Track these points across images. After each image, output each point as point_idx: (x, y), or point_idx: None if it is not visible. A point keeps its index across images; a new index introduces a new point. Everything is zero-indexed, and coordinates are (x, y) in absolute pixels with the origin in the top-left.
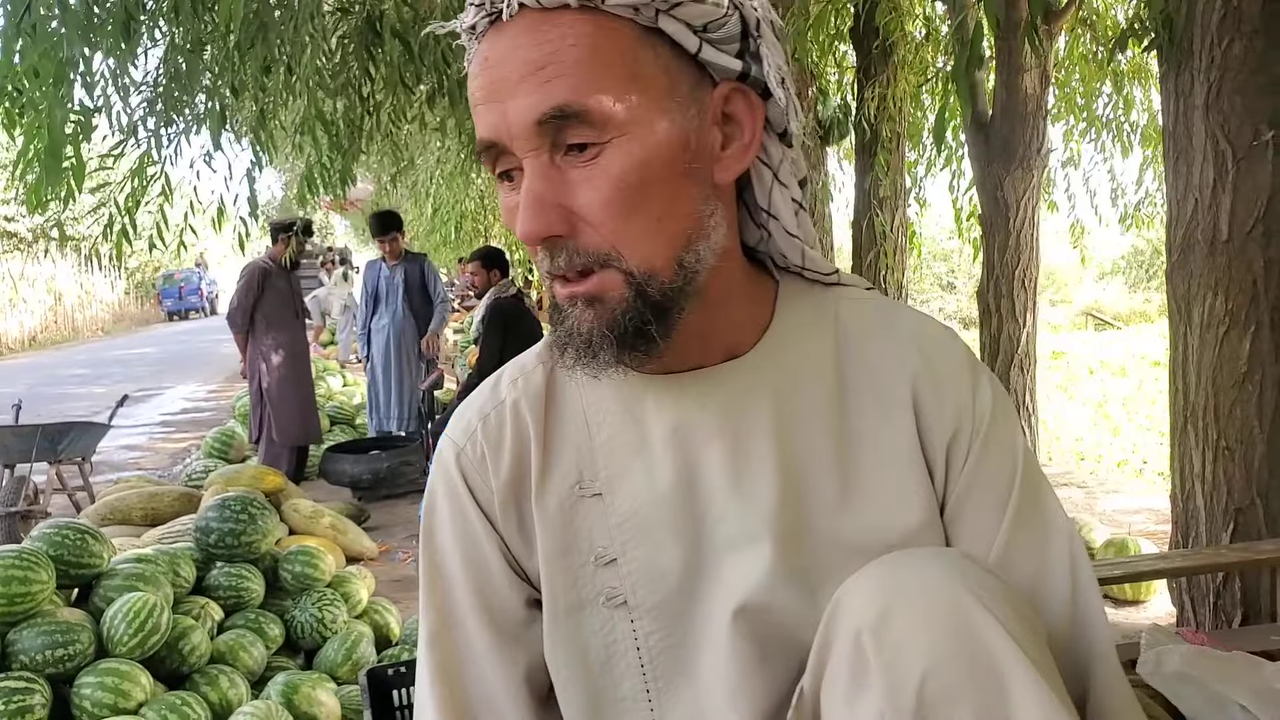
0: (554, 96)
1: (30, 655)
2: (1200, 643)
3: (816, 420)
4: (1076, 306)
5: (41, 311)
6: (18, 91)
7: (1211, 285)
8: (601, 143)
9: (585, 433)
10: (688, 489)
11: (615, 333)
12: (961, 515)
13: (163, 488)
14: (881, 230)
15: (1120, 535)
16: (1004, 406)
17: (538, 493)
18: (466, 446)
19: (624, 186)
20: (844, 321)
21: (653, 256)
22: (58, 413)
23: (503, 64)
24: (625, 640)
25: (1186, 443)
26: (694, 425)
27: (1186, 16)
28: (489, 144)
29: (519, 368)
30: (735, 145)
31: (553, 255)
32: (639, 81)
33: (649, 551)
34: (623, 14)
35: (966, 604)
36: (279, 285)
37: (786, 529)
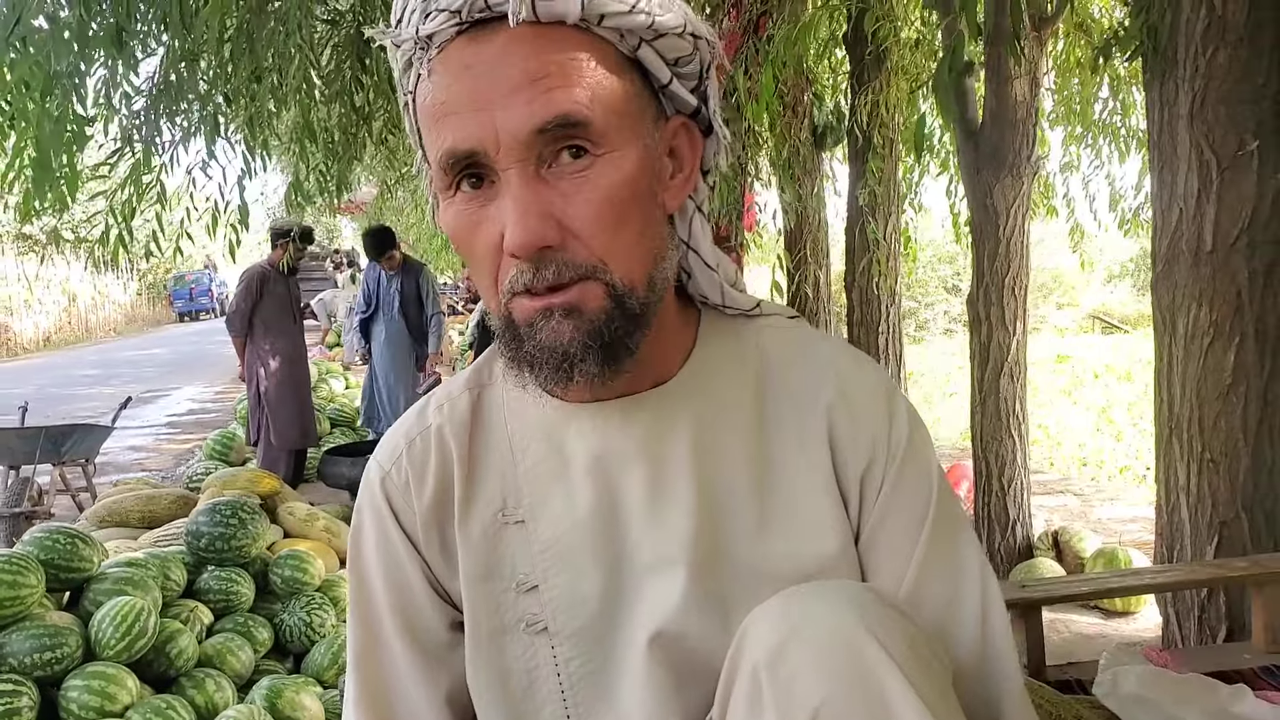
0: (558, 105)
1: (19, 658)
2: (1162, 663)
3: (736, 448)
4: (1084, 310)
5: (56, 312)
6: (7, 102)
7: (1196, 296)
8: (596, 155)
9: (510, 460)
10: (608, 515)
11: (599, 342)
12: (875, 545)
13: (160, 490)
14: (874, 237)
15: (1111, 545)
16: (919, 437)
17: (461, 518)
18: (391, 470)
19: (614, 200)
20: (765, 350)
21: (634, 270)
22: (67, 413)
23: (491, 72)
24: (546, 666)
25: (1171, 455)
26: (615, 452)
27: (1171, 25)
28: (468, 154)
29: (446, 393)
30: (679, 176)
31: (539, 267)
32: (621, 104)
33: (570, 578)
34: (610, 38)
35: (862, 641)
36: (278, 290)
37: (703, 555)
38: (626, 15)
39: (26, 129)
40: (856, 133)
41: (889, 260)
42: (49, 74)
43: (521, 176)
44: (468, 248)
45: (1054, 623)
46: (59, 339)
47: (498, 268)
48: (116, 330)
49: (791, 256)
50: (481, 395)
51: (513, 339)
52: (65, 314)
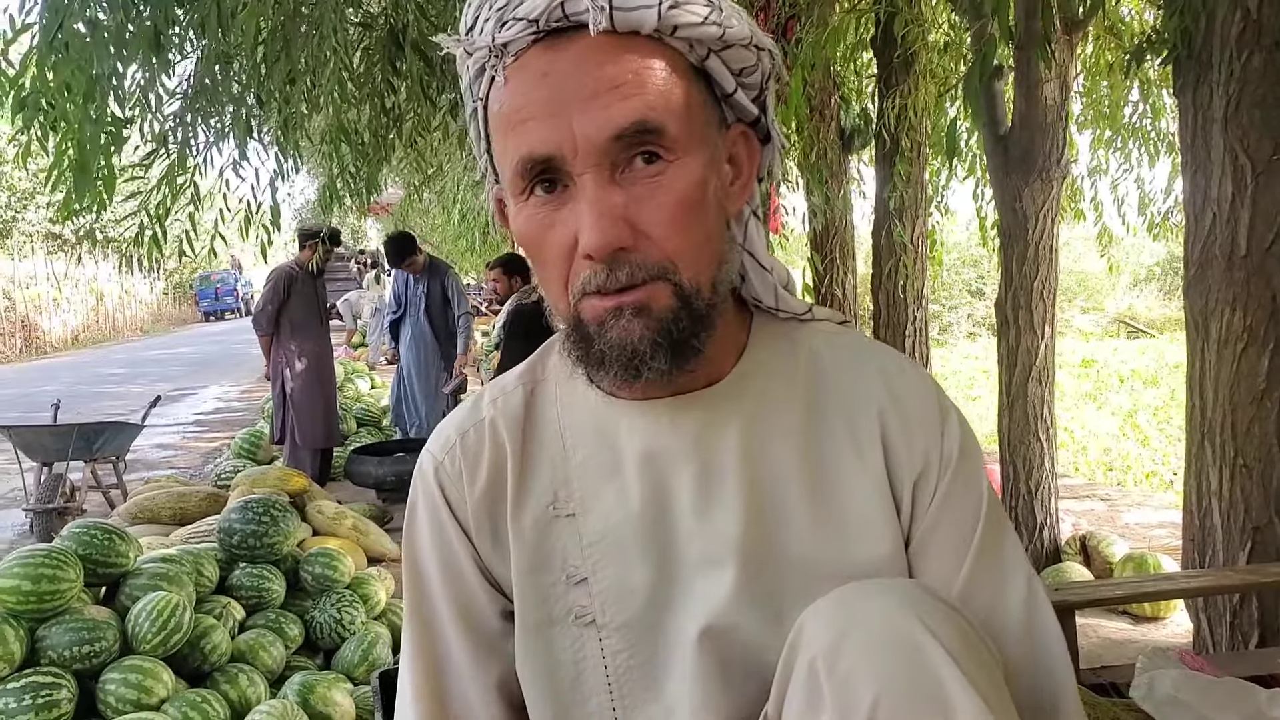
0: (635, 112)
1: (58, 651)
2: (1198, 667)
3: (786, 448)
4: (1109, 313)
5: (84, 311)
6: (50, 106)
7: (1229, 301)
8: (669, 160)
9: (561, 454)
10: (658, 511)
11: (668, 340)
12: (925, 552)
13: (190, 488)
14: (900, 240)
15: (1139, 551)
16: (970, 446)
17: (513, 510)
18: (445, 461)
19: (685, 204)
20: (816, 354)
21: (700, 272)
22: (96, 411)
23: (568, 79)
24: (594, 657)
25: (1203, 459)
26: (666, 450)
27: (1205, 29)
28: (545, 158)
29: (499, 388)
30: (737, 184)
31: (612, 269)
32: (691, 111)
33: (619, 571)
34: (680, 48)
35: (918, 634)
36: (305, 291)
37: (752, 553)
38: (699, 27)
39: (68, 131)
40: (884, 135)
41: (916, 263)
42: (90, 77)
43: (597, 181)
44: (539, 250)
45: (1083, 627)
46: (87, 337)
47: (568, 270)
48: (143, 329)
49: (820, 259)
50: (535, 390)
51: (581, 338)
52: (93, 313)
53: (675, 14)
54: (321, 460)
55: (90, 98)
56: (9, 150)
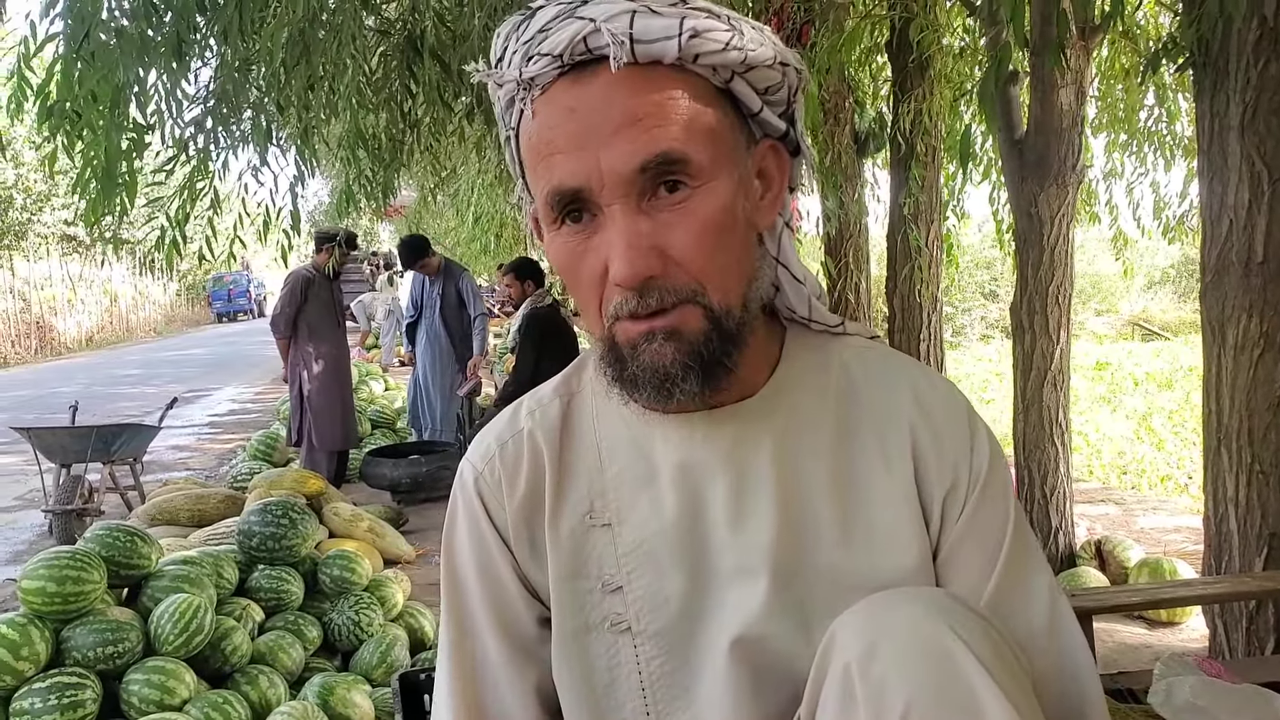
0: (658, 144)
1: (82, 652)
2: (1215, 673)
3: (818, 461)
4: (1123, 316)
5: (98, 313)
6: (77, 114)
7: (1246, 307)
8: (694, 187)
9: (598, 465)
10: (691, 522)
11: (699, 363)
12: (953, 564)
13: (208, 490)
14: (915, 244)
15: (1155, 556)
16: (998, 461)
17: (551, 519)
18: (484, 470)
19: (712, 228)
20: (848, 368)
21: (730, 293)
22: (111, 412)
23: (594, 114)
24: (628, 664)
25: (1220, 465)
26: (700, 462)
27: (1222, 36)
28: (574, 191)
29: (537, 400)
30: (767, 197)
31: (643, 295)
32: (716, 135)
33: (653, 580)
34: (703, 74)
35: (949, 642)
36: (321, 294)
37: (783, 564)
38: (720, 54)
39: (95, 139)
40: (899, 140)
41: (930, 267)
42: (115, 85)
43: (625, 211)
44: (574, 276)
45: (1099, 632)
46: (101, 339)
47: (601, 294)
48: (156, 330)
49: (834, 263)
50: (571, 402)
51: (615, 360)
52: (107, 314)
53: (696, 44)
54: (338, 463)
55: (115, 105)
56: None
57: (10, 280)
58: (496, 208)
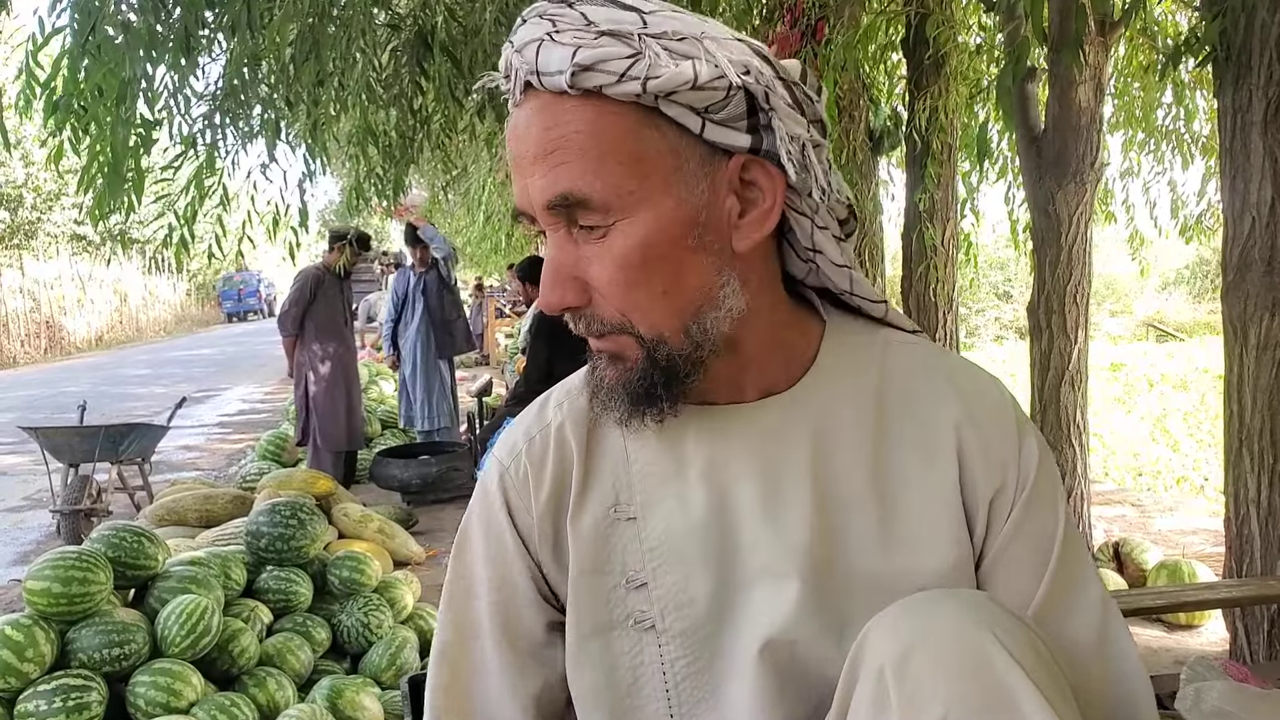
0: (559, 184)
1: (88, 654)
2: (1242, 677)
3: (855, 460)
4: (1137, 317)
5: (108, 312)
6: (83, 109)
7: (1268, 306)
8: (606, 225)
9: (624, 458)
10: (720, 520)
11: (627, 391)
12: (999, 569)
13: (217, 490)
14: (931, 243)
15: (1173, 558)
16: (1047, 463)
17: (574, 513)
18: (511, 467)
19: (627, 265)
20: (887, 365)
21: (660, 325)
22: (120, 412)
23: (521, 141)
24: (652, 663)
25: (1241, 466)
26: (729, 459)
27: (1245, 31)
28: (522, 212)
29: (565, 391)
30: (755, 212)
31: (574, 320)
32: (643, 164)
33: (679, 578)
34: (625, 99)
35: (988, 645)
36: (330, 293)
37: (817, 566)
38: (615, 84)
39: (101, 135)
40: (915, 138)
41: (946, 266)
42: (122, 80)
43: (553, 239)
44: None
45: None
46: (110, 338)
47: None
48: (166, 330)
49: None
50: None
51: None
52: (117, 314)
53: (585, 78)
54: (347, 463)
55: (122, 100)
56: (36, 152)
57: (20, 280)
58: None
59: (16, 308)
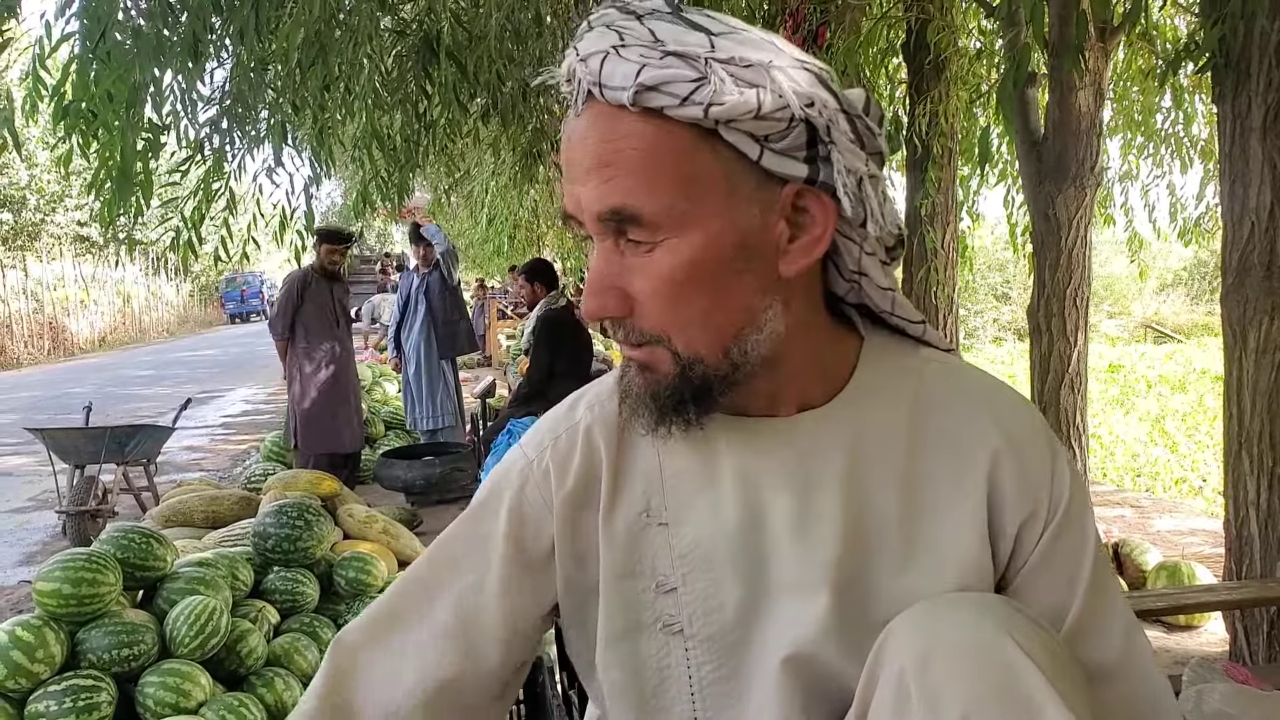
0: (612, 198)
1: (98, 654)
2: (1243, 679)
3: (887, 480)
4: (1135, 318)
5: (111, 313)
6: (93, 114)
7: (1268, 310)
8: (654, 242)
9: (656, 464)
10: (752, 530)
11: (656, 402)
12: (1025, 592)
13: (223, 491)
14: (932, 246)
15: (1173, 559)
16: (1078, 486)
17: (605, 515)
18: (535, 460)
19: (672, 282)
20: (925, 385)
21: (698, 344)
22: (124, 413)
23: (577, 149)
24: (679, 666)
25: (1241, 469)
26: (763, 471)
27: (1244, 38)
28: (569, 216)
29: (597, 393)
30: (805, 239)
31: (613, 329)
32: (695, 185)
33: (708, 584)
34: (684, 121)
35: (1007, 647)
36: (319, 295)
37: (845, 582)
38: (678, 108)
39: (111, 140)
40: (915, 141)
41: (946, 269)
42: (131, 85)
43: (600, 249)
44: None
45: None
46: (114, 339)
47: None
48: (169, 331)
49: None
50: None
51: (621, 372)
52: (120, 315)
53: (647, 97)
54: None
55: (131, 105)
56: (40, 154)
57: (24, 281)
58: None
59: (20, 309)
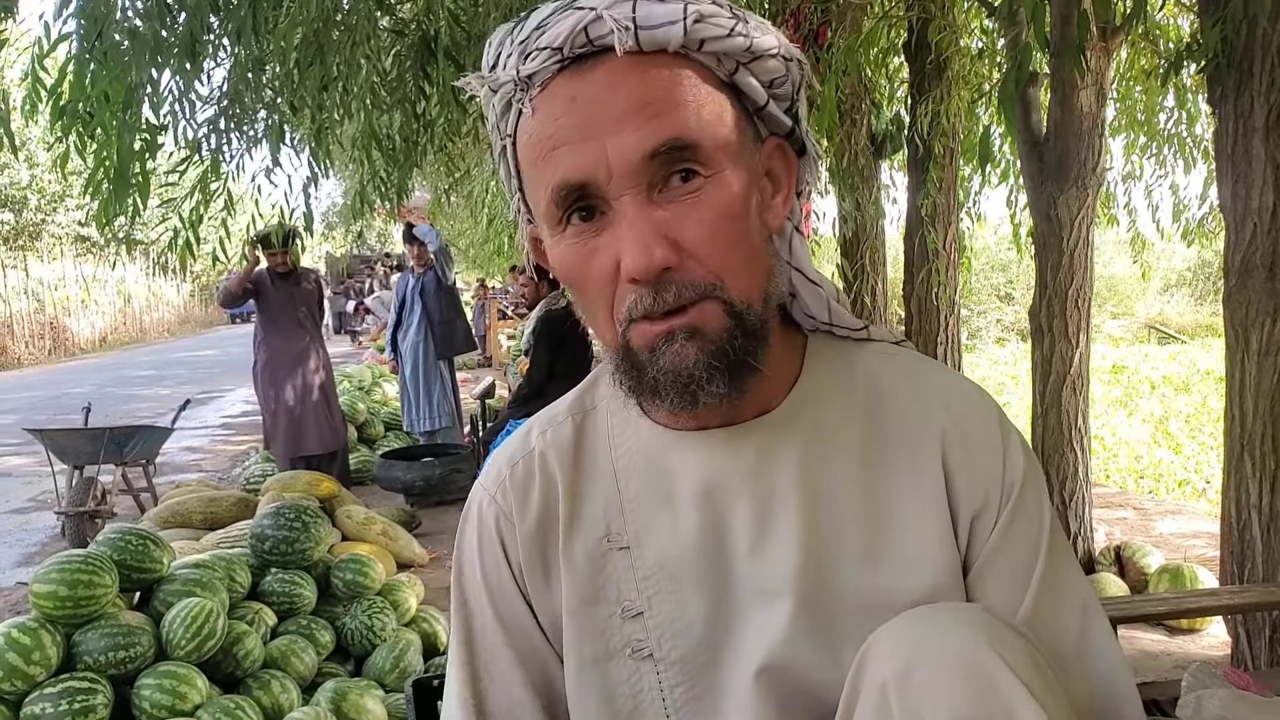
0: (668, 129)
1: (94, 656)
2: (1244, 684)
3: (844, 478)
4: (1139, 319)
5: (112, 313)
6: (89, 115)
7: (1270, 311)
8: (706, 176)
9: (614, 486)
10: (713, 544)
11: (724, 362)
12: (984, 580)
13: (221, 492)
14: (933, 247)
15: (1175, 562)
16: (1032, 472)
17: (565, 543)
18: (496, 494)
19: (727, 217)
20: (875, 377)
21: (750, 287)
22: (124, 413)
23: (598, 102)
24: (651, 691)
25: (1242, 471)
26: (721, 482)
27: (1246, 38)
28: (580, 184)
29: (548, 419)
30: (777, 198)
31: (659, 290)
32: (724, 126)
33: (674, 605)
34: (708, 63)
35: (989, 660)
36: (278, 295)
37: (809, 587)
38: (725, 39)
39: (108, 140)
40: (916, 141)
41: (948, 270)
42: (128, 85)
43: (635, 202)
44: (581, 279)
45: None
46: (114, 339)
47: (613, 297)
48: (170, 331)
49: (850, 265)
50: (585, 420)
51: (633, 367)
52: (121, 315)
53: (700, 28)
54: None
55: (128, 105)
56: (40, 154)
57: (24, 281)
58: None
59: (21, 309)
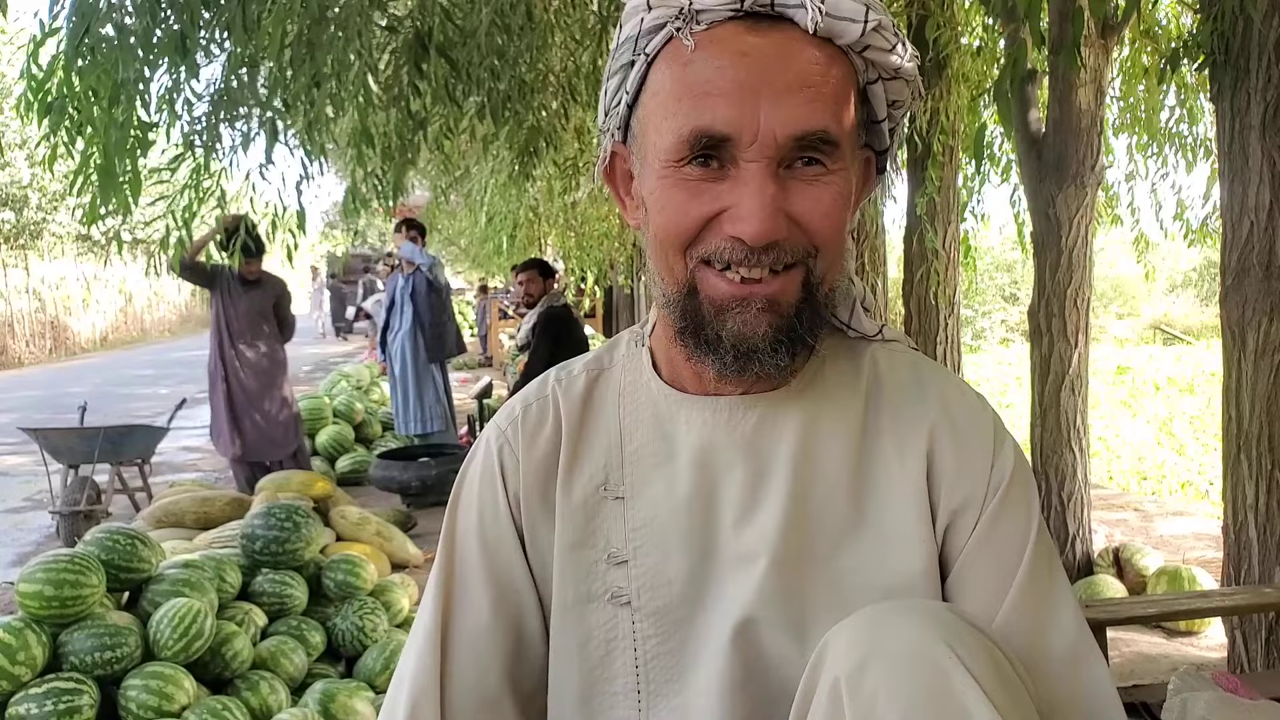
0: (817, 119)
1: (80, 656)
2: (1231, 688)
3: (837, 456)
4: (1144, 319)
5: (112, 312)
6: (76, 110)
7: (1267, 311)
8: (832, 169)
9: (618, 440)
10: (704, 507)
11: (789, 335)
12: (965, 578)
13: (214, 492)
14: (932, 247)
15: (1174, 564)
16: (1022, 476)
17: (563, 485)
18: (507, 429)
19: (838, 206)
20: (878, 368)
21: (832, 267)
22: (123, 413)
23: (768, 66)
24: (625, 638)
25: (1240, 472)
26: (720, 448)
27: (1242, 35)
28: (723, 137)
29: (565, 371)
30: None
31: (760, 252)
32: (854, 128)
33: (658, 559)
34: (859, 67)
35: (944, 659)
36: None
37: (785, 552)
38: (885, 53)
39: (94, 136)
40: (916, 140)
41: (947, 269)
42: (116, 81)
43: (765, 171)
44: (675, 211)
45: (1115, 641)
46: (115, 339)
47: (695, 235)
48: (171, 330)
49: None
50: (599, 377)
51: (692, 311)
52: (122, 314)
53: (873, 36)
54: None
55: (116, 102)
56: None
57: (25, 280)
58: (510, 208)
59: (22, 308)
